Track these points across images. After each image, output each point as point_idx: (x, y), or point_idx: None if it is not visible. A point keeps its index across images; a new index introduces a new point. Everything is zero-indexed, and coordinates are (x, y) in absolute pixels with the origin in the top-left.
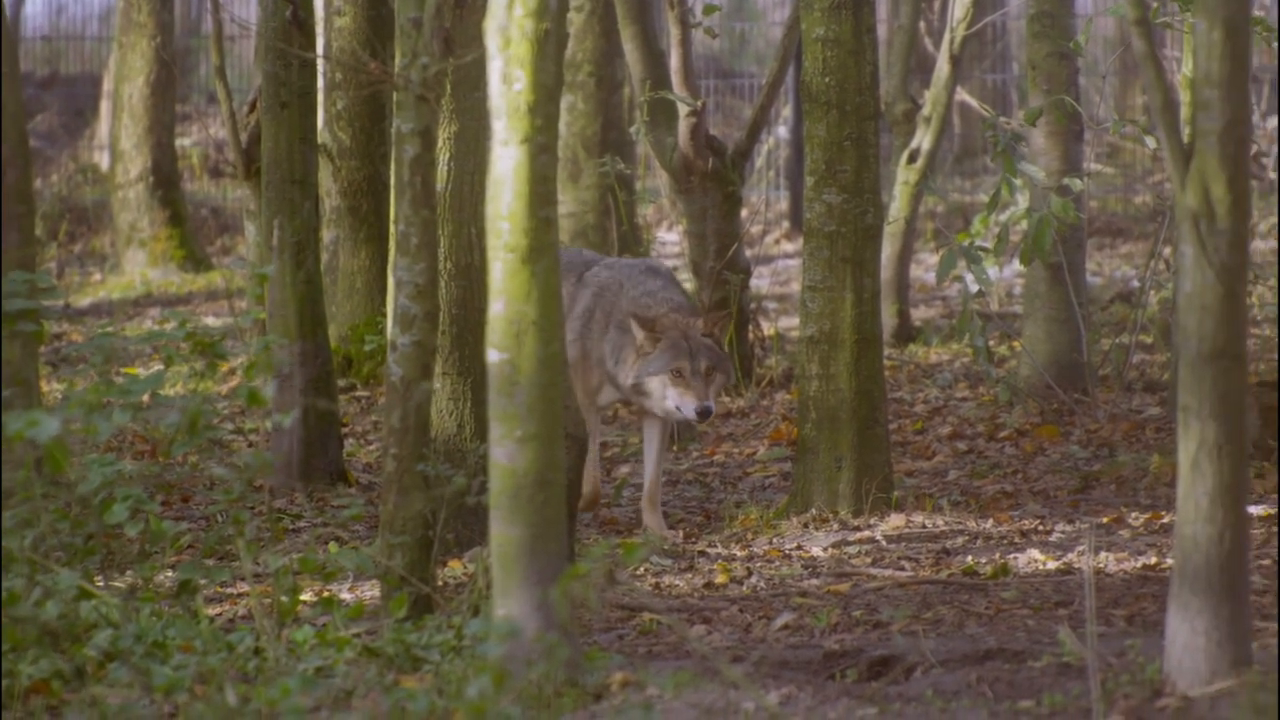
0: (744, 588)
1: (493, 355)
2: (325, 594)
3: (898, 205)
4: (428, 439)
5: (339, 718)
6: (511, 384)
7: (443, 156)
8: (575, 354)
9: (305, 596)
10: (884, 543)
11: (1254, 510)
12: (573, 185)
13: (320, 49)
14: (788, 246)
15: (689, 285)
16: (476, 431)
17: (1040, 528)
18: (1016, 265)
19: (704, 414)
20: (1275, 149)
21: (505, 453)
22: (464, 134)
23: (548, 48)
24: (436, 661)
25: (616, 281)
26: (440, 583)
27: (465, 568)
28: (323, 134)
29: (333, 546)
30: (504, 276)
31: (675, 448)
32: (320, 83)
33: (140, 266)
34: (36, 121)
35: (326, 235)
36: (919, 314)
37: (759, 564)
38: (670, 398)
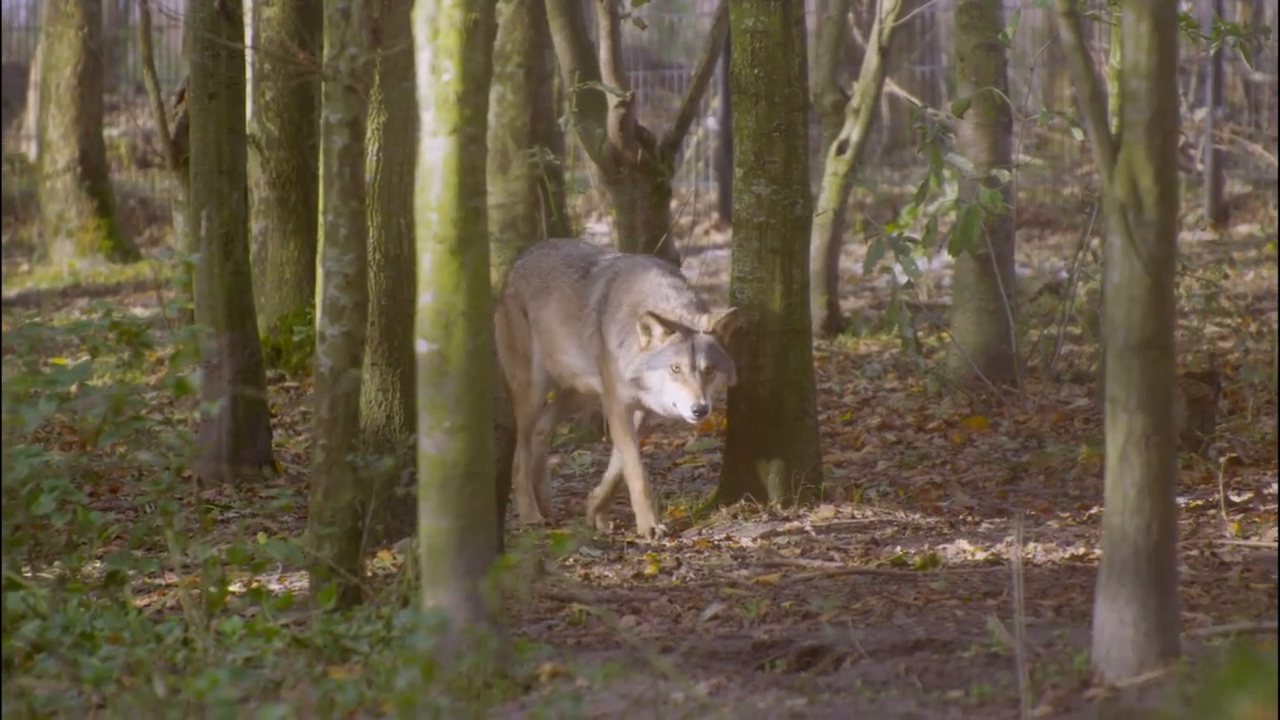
0: (673, 578)
1: (422, 346)
2: (254, 585)
3: (826, 196)
4: (357, 430)
5: (268, 709)
6: (440, 375)
7: (371, 147)
8: (595, 348)
9: (234, 587)
10: (813, 533)
11: (1182, 501)
12: (502, 176)
13: (249, 39)
14: (717, 237)
15: None
16: (405, 422)
17: (969, 518)
18: (945, 256)
19: (700, 413)
20: (1202, 140)
21: (434, 444)
22: (393, 125)
23: (476, 38)
24: (365, 653)
25: (628, 273)
26: (369, 574)
27: (394, 559)
28: (251, 124)
29: (261, 537)
30: (433, 267)
31: (605, 438)
32: (249, 73)
33: (68, 257)
34: None
35: (255, 226)
36: (848, 305)
37: (688, 555)
38: (668, 394)
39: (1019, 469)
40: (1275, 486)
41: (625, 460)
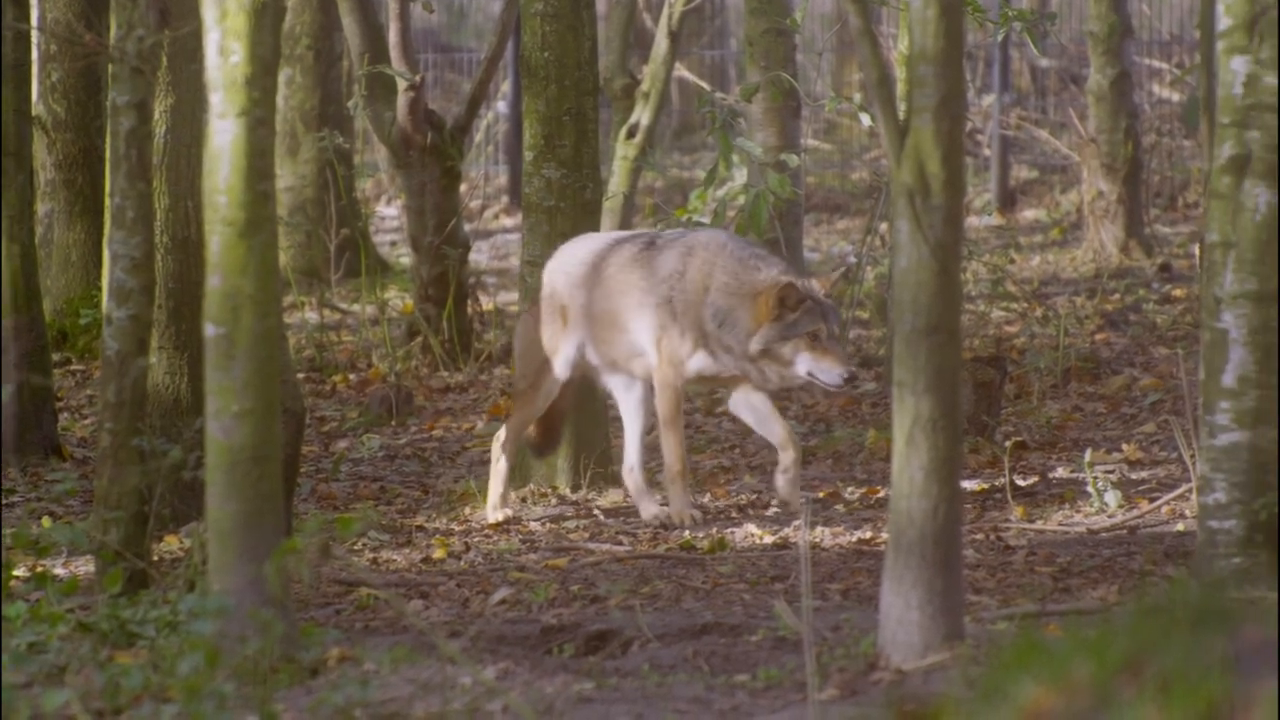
0: (462, 563)
1: (210, 330)
2: (39, 569)
3: (616, 180)
4: (144, 413)
5: (52, 694)
6: (228, 359)
7: (159, 129)
8: (659, 319)
9: (18, 572)
10: (602, 517)
11: (967, 485)
12: (291, 159)
13: (34, 20)
14: (507, 221)
15: (406, 260)
16: (193, 406)
17: (757, 502)
18: None
19: (850, 379)
20: (990, 126)
21: (222, 428)
22: (181, 107)
23: (265, 20)
24: (151, 638)
25: (710, 242)
26: (156, 558)
27: (182, 543)
28: (37, 106)
29: (46, 521)
30: (221, 250)
31: (394, 422)
32: (34, 54)
33: None
34: None
35: (41, 208)
36: None
37: (477, 539)
38: (803, 363)
39: (807, 453)
40: (1060, 470)
41: (669, 441)
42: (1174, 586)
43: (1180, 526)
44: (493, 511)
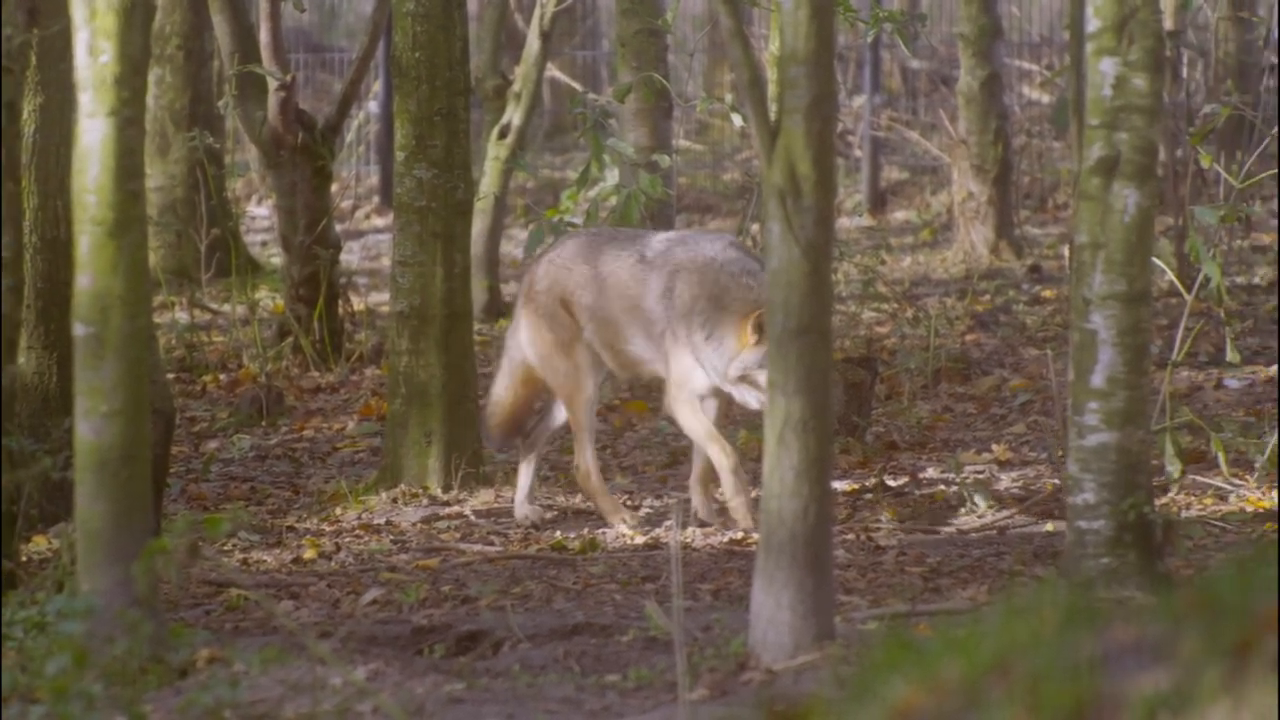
0: (333, 563)
1: (79, 329)
2: None
3: (488, 181)
4: (12, 413)
5: None
6: (97, 359)
7: (28, 128)
8: (665, 337)
9: None
10: (473, 518)
11: (839, 485)
12: (161, 159)
13: None
14: (378, 221)
15: (277, 260)
16: (62, 406)
17: (628, 502)
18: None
19: None
20: (860, 127)
21: (91, 427)
22: (50, 106)
23: (135, 19)
24: (20, 638)
25: (704, 259)
26: (24, 558)
27: (50, 543)
28: None
29: None
30: (90, 250)
31: (265, 423)
32: None
33: None
34: None
35: None
36: (509, 289)
37: (348, 539)
38: None
39: (678, 454)
40: (930, 471)
41: (711, 453)
42: (1043, 586)
43: (1049, 527)
44: (615, 519)
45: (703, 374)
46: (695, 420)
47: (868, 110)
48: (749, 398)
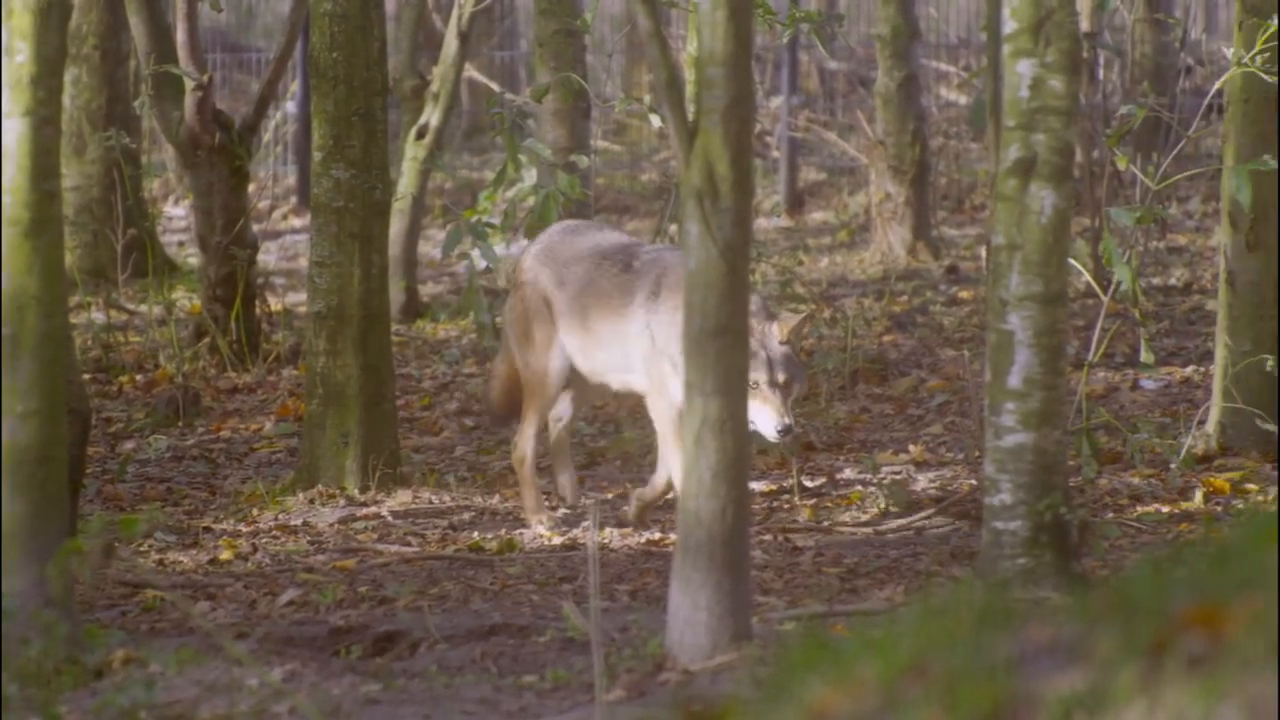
0: (249, 564)
1: None
2: None
3: (406, 181)
4: None
5: None
6: (13, 359)
7: None
8: (644, 347)
9: None
10: (391, 519)
11: (756, 486)
12: (77, 159)
13: None
14: (296, 222)
15: (194, 260)
16: None
17: (546, 503)
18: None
19: (785, 432)
20: (778, 128)
21: (6, 428)
22: None
23: (51, 19)
24: None
25: (678, 272)
26: None
27: None
28: None
29: None
30: (6, 250)
31: (181, 423)
32: None
33: None
34: None
35: None
36: (427, 290)
37: (264, 540)
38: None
39: (597, 454)
40: (848, 471)
41: (673, 461)
42: (959, 587)
43: (966, 527)
44: (534, 518)
45: (678, 382)
46: (677, 437)
47: (785, 111)
48: None
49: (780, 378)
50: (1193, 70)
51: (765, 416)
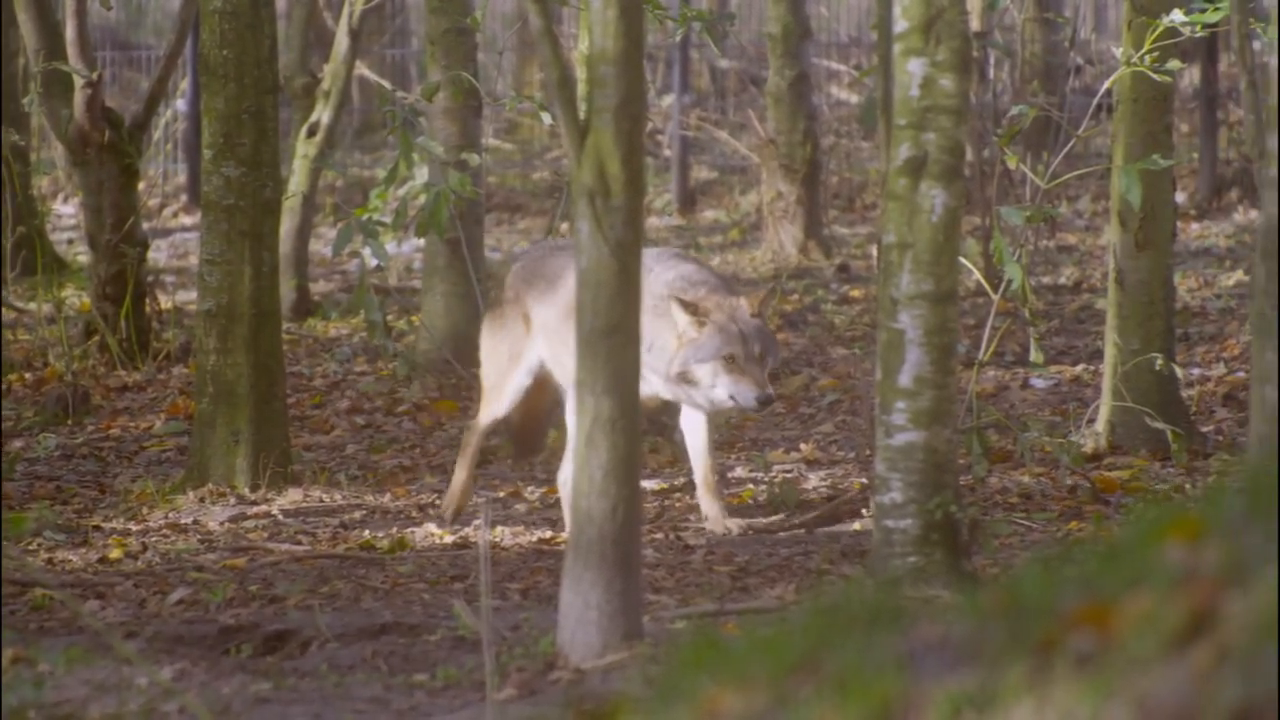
0: (139, 563)
1: None
2: None
3: (297, 179)
4: None
5: None
6: None
7: None
8: None
9: None
10: (281, 517)
11: (649, 485)
12: None
13: None
14: (186, 220)
15: (84, 258)
16: None
17: (438, 502)
18: (416, 240)
19: (765, 402)
20: (670, 127)
21: None
22: None
23: None
24: None
25: (644, 267)
26: None
27: None
28: None
29: None
30: None
31: (71, 422)
32: None
33: None
34: None
35: None
36: (318, 288)
37: (154, 539)
38: (722, 386)
39: (488, 453)
40: (739, 470)
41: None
42: (850, 585)
43: (857, 526)
44: (446, 516)
45: (647, 386)
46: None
47: (677, 110)
48: (696, 396)
49: (756, 350)
50: (1082, 69)
51: (744, 388)
